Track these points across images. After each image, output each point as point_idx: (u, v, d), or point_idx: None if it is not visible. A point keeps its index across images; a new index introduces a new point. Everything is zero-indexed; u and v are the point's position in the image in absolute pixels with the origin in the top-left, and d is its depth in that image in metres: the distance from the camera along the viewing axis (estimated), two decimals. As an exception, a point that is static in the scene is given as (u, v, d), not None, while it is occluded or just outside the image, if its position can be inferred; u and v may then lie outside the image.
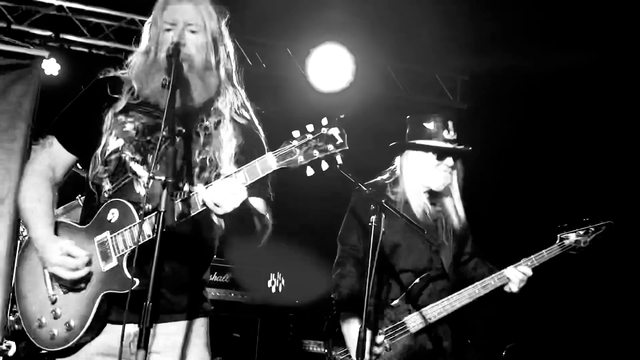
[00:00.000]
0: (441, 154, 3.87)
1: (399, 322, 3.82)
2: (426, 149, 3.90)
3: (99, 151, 2.75)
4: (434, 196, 3.98)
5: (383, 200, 3.47)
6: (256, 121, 2.95)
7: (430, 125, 3.92)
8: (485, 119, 7.70)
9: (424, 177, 3.91)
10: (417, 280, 3.86)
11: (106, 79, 2.87)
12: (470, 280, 3.98)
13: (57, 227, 2.79)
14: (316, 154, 2.39)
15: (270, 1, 6.77)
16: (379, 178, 4.06)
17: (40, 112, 6.40)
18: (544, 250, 3.97)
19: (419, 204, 3.90)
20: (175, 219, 2.56)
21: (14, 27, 6.86)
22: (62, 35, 7.08)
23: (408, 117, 4.10)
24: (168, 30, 2.76)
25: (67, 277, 2.66)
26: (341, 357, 3.86)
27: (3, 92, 6.04)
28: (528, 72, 6.93)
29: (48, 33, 7.03)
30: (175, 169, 2.51)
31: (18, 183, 2.96)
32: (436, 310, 3.83)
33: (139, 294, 2.40)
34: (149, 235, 2.57)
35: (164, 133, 2.49)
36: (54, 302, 2.73)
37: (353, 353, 3.64)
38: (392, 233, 3.82)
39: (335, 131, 2.40)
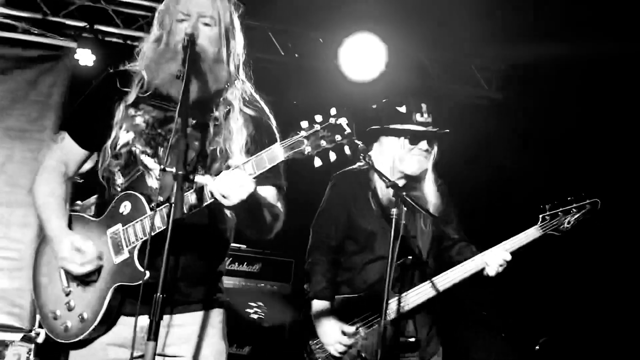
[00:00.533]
0: (413, 137, 3.79)
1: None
2: (398, 133, 3.81)
3: (108, 144, 2.77)
4: (410, 181, 3.88)
5: (404, 193, 3.41)
6: (267, 110, 2.93)
7: (402, 109, 3.86)
8: (521, 109, 7.59)
9: (398, 162, 3.83)
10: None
11: (115, 72, 2.88)
12: (451, 265, 3.82)
13: (71, 220, 2.82)
14: (324, 144, 2.37)
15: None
16: (355, 165, 3.96)
17: (74, 102, 6.48)
18: (521, 234, 3.76)
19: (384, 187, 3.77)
20: (186, 211, 2.56)
21: (49, 18, 6.96)
22: (97, 26, 7.14)
23: (383, 101, 4.00)
24: (181, 20, 2.75)
25: (76, 271, 2.69)
26: (316, 347, 3.81)
27: (34, 82, 6.14)
28: (565, 61, 6.78)
29: (82, 24, 7.10)
30: (186, 161, 2.50)
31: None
32: (411, 297, 3.74)
33: (152, 286, 2.40)
34: (159, 227, 2.58)
35: (176, 125, 2.49)
36: (67, 295, 2.76)
37: (325, 340, 3.70)
38: (367, 222, 3.80)
39: (343, 121, 2.38)
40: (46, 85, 6.18)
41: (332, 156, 2.39)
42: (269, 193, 2.77)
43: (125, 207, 2.70)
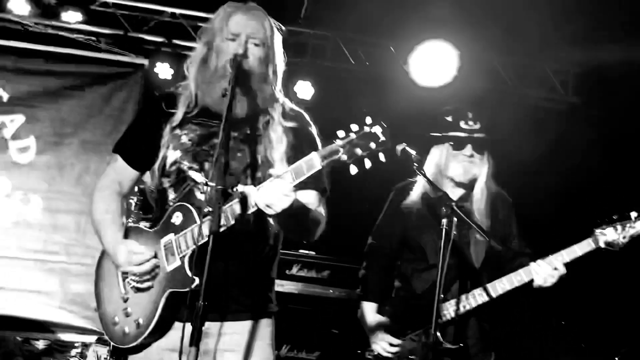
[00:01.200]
0: (457, 143, 3.91)
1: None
2: (441, 139, 3.96)
3: (156, 165, 2.95)
4: (460, 188, 3.97)
5: (454, 204, 3.48)
6: (308, 119, 3.04)
7: (449, 118, 3.99)
8: (598, 113, 7.39)
9: (444, 168, 3.94)
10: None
11: (161, 96, 3.07)
12: (507, 272, 3.83)
13: (128, 232, 3.00)
14: (359, 152, 2.46)
15: (374, 0, 6.82)
16: (415, 178, 4.08)
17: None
18: (575, 245, 3.71)
19: (428, 198, 3.91)
20: (232, 220, 2.70)
21: (130, 34, 7.33)
22: (175, 41, 7.46)
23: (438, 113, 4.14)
24: (232, 40, 2.89)
25: (135, 271, 2.85)
26: (371, 356, 3.96)
27: (108, 98, 6.48)
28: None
29: (161, 39, 7.43)
30: (226, 175, 2.65)
31: None
32: (462, 303, 3.80)
33: (206, 293, 2.51)
34: (207, 236, 2.67)
35: (218, 140, 2.62)
36: (125, 301, 2.93)
37: (373, 339, 3.87)
38: (421, 232, 3.92)
39: (377, 129, 2.46)
40: (119, 101, 6.53)
41: (368, 163, 2.48)
42: (310, 197, 2.88)
43: (178, 218, 2.85)
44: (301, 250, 6.55)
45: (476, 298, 3.80)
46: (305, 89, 7.46)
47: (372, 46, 7.66)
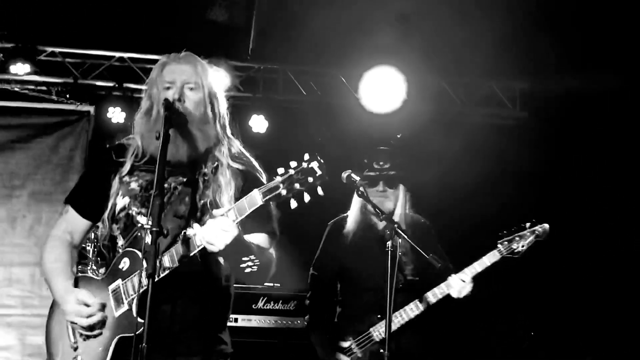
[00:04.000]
0: (371, 180, 4.43)
1: (365, 333, 4.29)
2: (357, 178, 4.21)
3: (106, 215, 2.99)
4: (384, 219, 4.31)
5: (396, 225, 3.80)
6: (256, 164, 3.11)
7: (365, 159, 4.49)
8: (546, 126, 7.59)
9: (365, 204, 4.39)
10: (374, 297, 4.24)
11: (111, 147, 3.14)
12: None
13: (78, 281, 3.03)
14: (297, 186, 2.55)
15: (321, 31, 6.94)
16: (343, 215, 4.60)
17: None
18: (484, 257, 4.27)
19: (351, 222, 4.49)
20: (177, 261, 2.75)
21: (80, 81, 7.34)
22: (126, 84, 7.48)
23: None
24: (167, 89, 2.97)
25: (83, 323, 2.88)
26: None
27: (55, 147, 6.49)
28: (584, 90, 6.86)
29: (111, 84, 7.45)
30: (160, 218, 2.66)
31: None
32: (395, 321, 4.24)
33: (152, 336, 2.55)
34: (146, 279, 2.67)
35: (155, 185, 2.68)
36: (75, 350, 2.94)
37: None
38: (358, 258, 4.39)
39: (315, 164, 2.56)
40: (67, 149, 6.55)
41: (307, 197, 2.57)
42: (260, 239, 2.94)
43: (125, 263, 2.90)
44: (266, 284, 6.56)
45: (408, 312, 4.27)
46: (259, 123, 7.52)
47: (322, 76, 7.78)
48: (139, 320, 2.73)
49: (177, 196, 2.93)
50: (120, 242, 2.98)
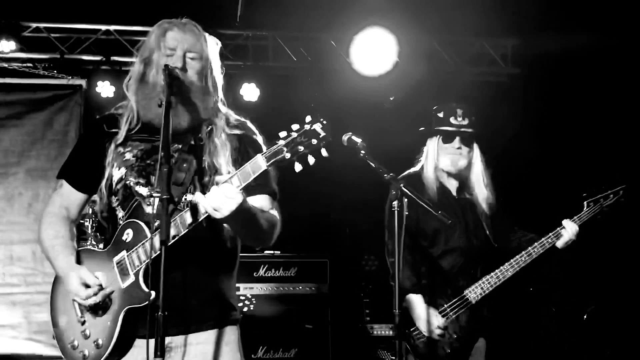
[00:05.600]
0: (446, 136, 4.29)
1: (460, 296, 4.15)
2: (433, 133, 4.37)
3: (103, 184, 2.95)
4: (457, 179, 4.37)
5: (402, 185, 3.63)
6: (252, 127, 3.08)
7: (441, 114, 4.35)
8: (538, 82, 7.55)
9: (436, 160, 4.33)
10: (468, 258, 4.19)
11: (101, 118, 3.09)
12: (516, 248, 4.28)
13: (80, 255, 3.00)
14: (301, 149, 2.51)
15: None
16: (411, 170, 4.45)
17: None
18: (580, 214, 4.28)
19: (430, 182, 4.30)
20: (183, 230, 2.72)
21: (66, 56, 7.25)
22: (113, 58, 7.39)
23: (434, 107, 4.46)
24: (169, 55, 2.91)
25: (85, 304, 2.87)
26: (415, 334, 4.17)
27: (49, 123, 6.43)
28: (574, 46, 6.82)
29: (99, 58, 7.36)
30: (171, 185, 2.64)
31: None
32: (492, 280, 4.15)
33: (166, 306, 2.54)
34: (159, 248, 2.65)
35: (160, 152, 2.64)
36: (82, 324, 2.92)
37: (422, 328, 4.11)
38: (431, 219, 4.14)
39: (317, 126, 2.52)
40: (61, 124, 6.48)
41: (311, 160, 2.53)
42: (261, 202, 2.92)
43: (128, 235, 2.86)
44: (266, 252, 6.57)
45: (505, 272, 4.17)
46: (250, 92, 7.46)
47: (312, 41, 7.70)
48: (145, 289, 2.75)
49: (175, 164, 2.88)
50: (120, 213, 2.94)
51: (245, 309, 6.44)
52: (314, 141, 2.51)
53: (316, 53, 7.71)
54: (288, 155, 2.52)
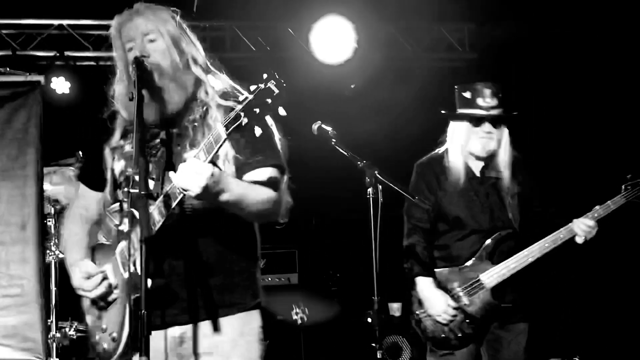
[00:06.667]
0: (476, 120, 4.08)
1: (475, 279, 4.06)
2: (460, 117, 4.14)
3: (108, 185, 2.95)
4: (487, 161, 4.20)
5: (376, 172, 3.56)
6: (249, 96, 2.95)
7: (467, 94, 4.11)
8: (497, 65, 7.62)
9: (465, 144, 4.14)
10: (488, 241, 4.07)
11: (107, 116, 3.01)
12: (547, 228, 4.14)
13: (95, 250, 3.01)
14: (257, 110, 2.39)
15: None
16: (435, 151, 4.30)
17: (58, 131, 6.57)
18: (609, 201, 4.10)
19: (456, 166, 4.14)
20: (164, 214, 2.63)
21: (19, 53, 7.07)
22: (67, 53, 7.24)
23: (456, 87, 4.25)
24: (130, 49, 2.82)
25: (91, 296, 2.85)
26: (424, 315, 4.10)
27: (8, 121, 6.20)
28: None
29: (52, 53, 7.19)
30: (147, 180, 2.57)
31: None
32: (510, 264, 4.05)
33: (166, 292, 2.57)
34: (141, 241, 2.55)
35: (135, 143, 2.57)
36: (99, 318, 2.90)
37: (430, 311, 4.04)
38: (451, 202, 4.12)
39: (271, 84, 2.40)
40: (21, 122, 6.25)
41: (269, 120, 2.47)
42: (264, 175, 2.78)
43: (125, 225, 2.80)
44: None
45: (522, 260, 4.05)
46: (217, 74, 7.35)
47: (270, 30, 7.63)
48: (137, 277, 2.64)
49: (163, 152, 2.80)
50: (126, 205, 2.86)
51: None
52: (269, 100, 2.38)
53: (275, 42, 7.65)
54: (245, 120, 2.40)
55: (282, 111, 2.41)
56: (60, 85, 7.07)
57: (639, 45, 6.77)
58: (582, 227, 4.03)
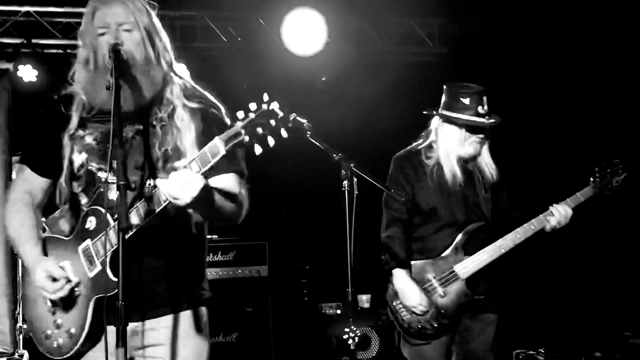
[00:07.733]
0: (473, 128, 4.16)
1: (449, 271, 4.15)
2: (460, 125, 4.18)
3: (64, 174, 2.86)
4: (470, 159, 4.28)
5: (352, 165, 3.62)
6: (212, 99, 2.95)
7: (466, 100, 4.15)
8: (467, 61, 7.68)
9: (457, 148, 4.21)
10: (462, 233, 4.16)
11: (59, 98, 2.95)
12: (510, 225, 4.23)
13: (46, 243, 2.92)
14: (260, 130, 2.41)
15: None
16: (414, 144, 4.38)
17: (24, 119, 6.47)
18: (577, 193, 4.23)
19: (450, 169, 4.21)
20: (143, 216, 2.65)
21: (-16, 40, 6.92)
22: (35, 40, 7.09)
23: (445, 85, 4.31)
24: (102, 35, 2.78)
25: (52, 297, 2.80)
26: (400, 307, 4.17)
27: (-24, 110, 6.12)
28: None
29: (19, 40, 7.05)
30: (126, 170, 2.57)
31: (3, 197, 3.06)
32: (483, 256, 4.14)
33: (132, 294, 2.51)
34: (118, 236, 2.57)
35: (112, 136, 2.55)
36: (53, 314, 2.86)
37: (406, 302, 4.13)
38: (427, 195, 4.21)
39: (275, 105, 2.41)
40: (-12, 111, 6.18)
41: (271, 141, 2.44)
42: (228, 181, 2.83)
43: (91, 223, 2.78)
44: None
45: (495, 251, 4.15)
46: (180, 73, 7.28)
47: (241, 21, 7.57)
48: (112, 278, 2.67)
49: (135, 146, 2.79)
50: (84, 200, 2.85)
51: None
52: (272, 122, 2.41)
53: (246, 33, 7.60)
54: (247, 138, 2.43)
55: (284, 133, 2.43)
56: (27, 73, 6.92)
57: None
58: (559, 210, 4.14)
